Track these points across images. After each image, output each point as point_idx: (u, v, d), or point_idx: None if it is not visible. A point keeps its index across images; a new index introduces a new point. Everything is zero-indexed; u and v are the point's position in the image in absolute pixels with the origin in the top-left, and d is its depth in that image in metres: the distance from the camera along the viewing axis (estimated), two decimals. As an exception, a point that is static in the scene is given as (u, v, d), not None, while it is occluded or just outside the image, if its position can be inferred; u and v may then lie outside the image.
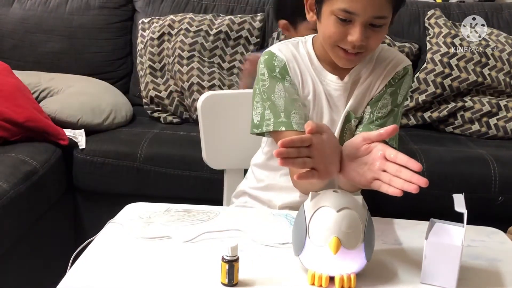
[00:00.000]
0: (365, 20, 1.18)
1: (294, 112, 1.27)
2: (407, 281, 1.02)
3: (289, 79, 1.30)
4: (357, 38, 1.18)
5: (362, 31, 1.18)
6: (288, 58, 1.30)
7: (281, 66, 1.30)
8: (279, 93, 1.29)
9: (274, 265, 1.06)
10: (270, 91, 1.29)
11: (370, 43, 1.21)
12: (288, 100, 1.28)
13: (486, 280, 1.05)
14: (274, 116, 1.28)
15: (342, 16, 1.18)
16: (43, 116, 2.10)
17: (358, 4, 1.17)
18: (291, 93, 1.29)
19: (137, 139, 2.17)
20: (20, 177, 1.80)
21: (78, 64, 2.65)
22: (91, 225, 1.83)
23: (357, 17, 1.18)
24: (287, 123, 1.26)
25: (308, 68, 1.31)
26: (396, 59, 1.33)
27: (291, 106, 1.27)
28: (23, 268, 1.85)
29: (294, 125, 1.26)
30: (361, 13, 1.17)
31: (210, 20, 2.49)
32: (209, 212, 1.26)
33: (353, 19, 1.18)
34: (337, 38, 1.21)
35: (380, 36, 1.24)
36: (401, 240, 1.17)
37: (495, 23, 2.62)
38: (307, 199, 1.02)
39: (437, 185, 1.99)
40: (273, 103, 1.28)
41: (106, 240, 1.13)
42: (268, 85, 1.29)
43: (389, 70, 1.32)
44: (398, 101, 1.33)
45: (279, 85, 1.29)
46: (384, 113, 1.31)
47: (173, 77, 2.43)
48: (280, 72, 1.29)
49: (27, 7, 2.68)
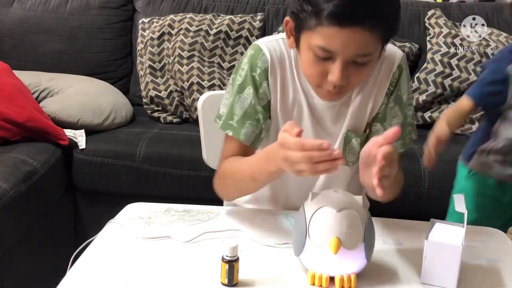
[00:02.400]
0: (346, 58, 1.05)
1: (249, 123, 1.21)
2: (407, 281, 1.02)
3: (264, 86, 1.21)
4: (337, 78, 1.06)
5: (343, 70, 1.05)
6: (274, 60, 1.20)
7: (263, 69, 1.20)
8: (246, 96, 1.21)
9: (274, 265, 1.06)
10: (240, 90, 1.22)
11: (352, 81, 1.09)
12: (250, 108, 1.21)
13: (486, 280, 1.05)
14: (226, 115, 1.23)
15: (320, 54, 1.06)
16: (43, 116, 2.10)
17: (337, 42, 1.03)
18: (257, 103, 1.21)
19: (137, 139, 2.17)
20: (20, 177, 1.80)
21: (78, 64, 2.65)
22: (91, 225, 1.83)
23: (337, 55, 1.04)
24: (236, 129, 1.21)
25: (293, 74, 1.21)
26: (387, 59, 1.21)
27: (249, 116, 1.21)
28: (23, 268, 1.85)
29: (241, 136, 1.21)
30: (340, 52, 1.04)
31: (210, 20, 2.49)
32: (209, 212, 1.26)
33: (333, 56, 1.05)
34: (317, 79, 1.10)
35: (366, 73, 1.11)
36: (401, 240, 1.17)
37: (495, 23, 2.62)
38: (307, 199, 1.02)
39: (438, 185, 1.98)
40: (232, 102, 1.22)
41: (106, 240, 1.13)
42: (240, 82, 1.22)
43: (384, 76, 1.22)
44: (405, 100, 1.25)
45: (250, 89, 1.21)
46: (399, 122, 1.23)
47: (173, 77, 2.43)
48: (260, 75, 1.20)
49: (27, 7, 2.67)
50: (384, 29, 1.05)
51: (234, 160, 1.23)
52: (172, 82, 2.44)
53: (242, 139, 1.22)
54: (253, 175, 1.15)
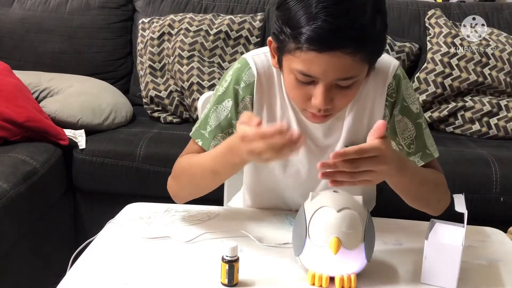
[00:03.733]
0: (328, 83, 1.01)
1: (221, 136, 1.18)
2: (407, 281, 1.02)
3: (247, 101, 1.17)
4: (320, 102, 1.02)
5: (325, 94, 1.01)
6: (261, 74, 1.16)
7: (248, 83, 1.17)
8: (223, 109, 1.18)
9: (274, 265, 1.06)
10: (219, 101, 1.19)
11: (337, 104, 1.05)
12: (225, 121, 1.18)
13: (486, 280, 1.05)
14: (199, 124, 1.21)
15: (301, 79, 1.03)
16: (43, 116, 2.10)
17: (317, 67, 0.99)
18: (235, 117, 1.17)
19: (137, 139, 2.17)
20: (20, 177, 1.80)
21: (78, 64, 2.65)
22: (91, 225, 1.83)
23: (319, 79, 1.01)
24: (206, 140, 1.19)
25: (282, 89, 1.17)
26: (380, 71, 1.15)
27: (222, 129, 1.18)
28: (23, 268, 1.85)
29: (211, 148, 1.18)
30: (321, 77, 1.01)
31: (210, 20, 2.49)
32: (209, 212, 1.26)
33: (314, 80, 1.02)
34: (300, 102, 1.07)
35: (351, 96, 1.07)
36: (401, 240, 1.17)
37: (496, 23, 2.62)
38: (308, 199, 1.02)
39: (437, 185, 1.98)
40: (208, 112, 1.20)
41: (106, 240, 1.13)
42: (221, 93, 1.19)
43: (379, 88, 1.17)
44: (414, 110, 1.19)
45: (229, 101, 1.18)
46: (411, 135, 1.19)
47: (173, 77, 2.43)
48: (244, 89, 1.17)
49: (27, 7, 2.67)
50: (368, 52, 1.01)
51: (190, 156, 1.21)
52: (172, 82, 2.44)
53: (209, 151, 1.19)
54: (214, 169, 1.12)
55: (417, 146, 1.21)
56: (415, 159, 1.21)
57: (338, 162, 0.94)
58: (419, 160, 1.22)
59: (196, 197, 1.24)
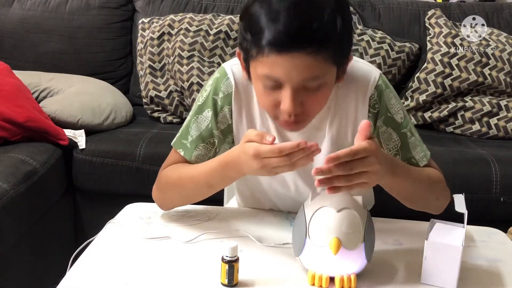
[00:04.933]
0: (294, 85, 1.00)
1: (203, 146, 1.19)
2: (407, 281, 1.02)
3: (225, 111, 1.17)
4: (289, 106, 1.01)
5: (293, 97, 1.00)
6: (238, 85, 1.16)
7: (226, 94, 1.17)
8: (203, 119, 1.18)
9: (274, 265, 1.06)
10: (199, 111, 1.19)
11: (308, 108, 1.04)
12: (206, 131, 1.18)
13: (486, 280, 1.05)
14: (180, 134, 1.22)
15: (267, 84, 1.02)
16: (43, 116, 2.09)
17: (280, 69, 0.99)
18: (215, 127, 1.18)
19: (137, 139, 2.17)
20: (20, 177, 1.80)
21: (78, 64, 2.64)
22: (91, 225, 1.83)
23: (284, 83, 1.00)
24: (188, 150, 1.19)
25: None
26: (361, 82, 1.15)
27: (203, 138, 1.19)
28: (23, 268, 1.85)
29: (193, 157, 1.19)
30: (286, 79, 1.00)
31: (210, 20, 2.48)
32: (209, 212, 1.26)
33: (281, 84, 1.01)
34: (271, 110, 1.06)
35: (321, 98, 1.06)
36: (401, 240, 1.17)
37: (496, 23, 2.62)
38: (308, 199, 1.02)
39: (437, 185, 1.98)
40: (189, 122, 1.20)
41: (106, 240, 1.13)
42: (200, 103, 1.19)
43: (361, 100, 1.16)
44: (399, 120, 1.18)
45: (209, 112, 1.18)
46: (396, 145, 1.18)
47: (173, 77, 2.43)
48: (222, 99, 1.17)
49: (27, 7, 2.67)
50: (331, 52, 0.99)
51: (178, 167, 1.20)
52: (172, 82, 2.43)
53: (192, 161, 1.20)
54: (208, 182, 1.13)
55: (403, 157, 1.19)
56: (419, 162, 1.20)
57: (332, 167, 0.94)
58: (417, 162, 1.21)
59: (184, 205, 1.25)
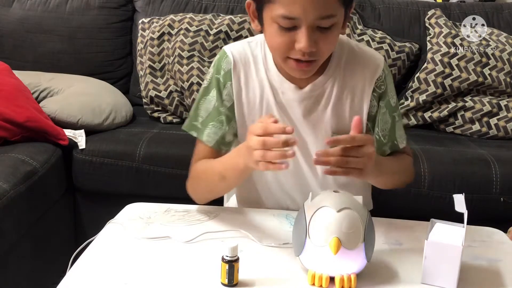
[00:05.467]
0: (310, 23, 1.06)
1: (212, 124, 1.24)
2: (407, 281, 1.02)
3: (228, 87, 1.23)
4: (305, 44, 1.07)
5: (309, 35, 1.06)
6: (237, 61, 1.23)
7: (227, 70, 1.23)
8: (210, 99, 1.24)
9: (274, 265, 1.06)
10: (205, 92, 1.26)
11: (321, 47, 1.10)
12: (214, 110, 1.24)
13: (486, 280, 1.05)
14: (190, 116, 1.28)
15: (284, 24, 1.07)
16: (43, 116, 2.09)
17: (298, 7, 1.04)
18: (221, 104, 1.24)
19: (137, 139, 2.17)
20: (20, 177, 1.80)
21: (78, 64, 2.64)
22: (91, 225, 1.83)
23: (300, 21, 1.06)
24: (199, 130, 1.26)
25: (261, 74, 1.23)
26: (370, 63, 1.22)
27: (212, 117, 1.24)
28: (23, 268, 1.85)
29: (204, 137, 1.25)
30: (303, 17, 1.05)
31: (210, 20, 2.48)
32: (209, 212, 1.26)
33: (296, 24, 1.07)
34: (284, 49, 1.10)
35: (332, 38, 1.12)
36: (401, 240, 1.17)
37: (496, 23, 2.62)
38: (307, 199, 1.02)
39: (438, 185, 1.98)
40: (197, 104, 1.26)
41: (106, 240, 1.13)
42: (206, 85, 1.26)
43: (369, 79, 1.22)
44: (393, 103, 1.26)
45: (214, 91, 1.24)
46: (387, 128, 1.25)
47: (173, 77, 2.43)
48: (224, 77, 1.23)
49: (27, 7, 2.67)
50: None
51: (205, 161, 1.26)
52: (172, 82, 2.43)
53: (204, 140, 1.25)
54: (222, 174, 1.18)
55: (389, 138, 1.27)
56: (385, 147, 1.28)
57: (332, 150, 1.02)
58: (387, 150, 1.29)
59: (214, 198, 1.29)
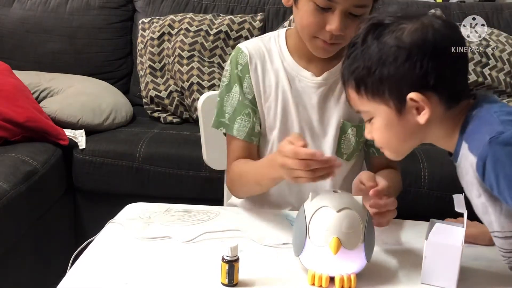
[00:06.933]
0: (345, 8, 1.13)
1: (240, 118, 1.28)
2: (407, 282, 1.02)
3: (248, 80, 1.28)
4: (336, 27, 1.13)
5: (341, 20, 1.13)
6: (252, 54, 1.28)
7: (244, 64, 1.28)
8: (234, 94, 1.29)
9: (274, 265, 1.06)
10: (227, 89, 1.30)
11: (348, 33, 1.15)
12: (239, 104, 1.28)
13: (486, 280, 1.05)
14: (217, 114, 1.31)
15: (322, 4, 1.13)
16: (43, 116, 2.10)
17: None
18: (244, 98, 1.28)
19: (137, 139, 2.17)
20: (20, 177, 1.80)
21: (78, 64, 2.64)
22: (91, 225, 1.83)
23: (337, 4, 1.12)
24: (228, 126, 1.29)
25: (277, 64, 1.28)
26: None
27: (239, 111, 1.28)
28: (23, 268, 1.85)
29: (234, 131, 1.28)
30: (341, 1, 1.12)
31: (210, 20, 2.49)
32: (209, 212, 1.26)
33: (332, 7, 1.13)
34: (315, 29, 1.17)
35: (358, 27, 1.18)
36: (401, 240, 1.17)
37: (496, 23, 2.62)
38: (308, 199, 1.02)
39: (438, 186, 1.98)
40: (222, 101, 1.30)
41: (106, 240, 1.13)
42: (227, 82, 1.30)
43: None
44: None
45: (236, 86, 1.28)
46: None
47: (173, 77, 2.43)
48: (242, 71, 1.28)
49: (27, 7, 2.67)
50: None
51: (241, 163, 1.29)
52: (172, 82, 2.44)
53: (235, 134, 1.28)
54: (257, 180, 1.23)
55: None
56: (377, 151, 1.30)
57: None
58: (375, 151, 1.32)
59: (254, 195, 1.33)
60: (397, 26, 0.95)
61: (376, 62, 0.94)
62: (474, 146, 0.92)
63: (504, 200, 0.89)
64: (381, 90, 0.95)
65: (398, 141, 1.00)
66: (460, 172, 0.98)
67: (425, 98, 0.93)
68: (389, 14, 0.98)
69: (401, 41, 0.93)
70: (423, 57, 0.92)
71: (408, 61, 0.92)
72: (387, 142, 1.01)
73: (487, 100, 0.97)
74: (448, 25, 0.96)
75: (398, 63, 0.93)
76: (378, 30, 0.96)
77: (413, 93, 0.93)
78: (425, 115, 0.94)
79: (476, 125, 0.94)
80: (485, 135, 0.89)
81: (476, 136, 0.92)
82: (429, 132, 0.98)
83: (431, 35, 0.93)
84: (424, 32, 0.93)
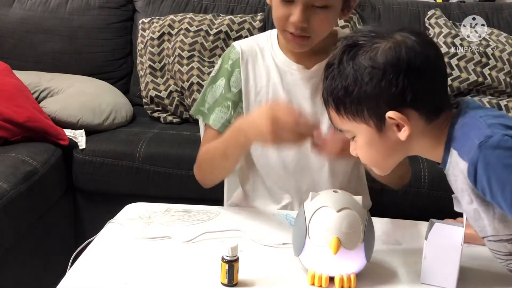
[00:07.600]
0: (305, 1, 1.17)
1: (219, 109, 1.33)
2: (407, 281, 1.03)
3: (236, 74, 1.32)
4: (298, 18, 1.18)
5: (302, 11, 1.18)
6: (244, 51, 1.32)
7: (235, 59, 1.32)
8: (218, 87, 1.33)
9: (274, 265, 1.06)
10: (213, 81, 1.34)
11: (314, 25, 1.20)
12: (221, 97, 1.33)
13: (486, 280, 1.05)
14: (197, 102, 1.36)
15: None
16: (43, 116, 2.10)
17: None
18: (229, 91, 1.33)
19: (137, 139, 2.17)
20: (20, 177, 1.80)
21: (78, 64, 2.64)
22: (91, 225, 1.82)
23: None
24: (206, 114, 1.34)
25: (268, 61, 1.32)
26: None
27: (219, 103, 1.33)
28: (23, 268, 1.85)
29: (210, 120, 1.33)
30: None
31: (210, 20, 2.49)
32: (209, 212, 1.26)
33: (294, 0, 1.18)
34: (282, 21, 1.21)
35: (326, 18, 1.22)
36: (401, 240, 1.17)
37: (496, 23, 2.62)
38: (307, 199, 1.02)
39: (438, 186, 1.98)
40: (205, 91, 1.35)
41: (106, 240, 1.13)
42: (214, 75, 1.35)
43: None
44: None
45: (222, 80, 1.33)
46: None
47: (173, 77, 2.43)
48: (232, 65, 1.32)
49: (27, 7, 2.67)
50: None
51: (209, 144, 1.31)
52: (172, 82, 2.44)
53: (211, 123, 1.33)
54: (224, 152, 1.23)
55: None
56: None
57: None
58: None
59: (218, 181, 1.35)
60: (371, 46, 0.95)
61: (353, 83, 0.95)
62: (464, 152, 0.92)
63: (497, 203, 0.89)
64: (360, 109, 0.96)
65: (382, 157, 1.01)
66: (450, 180, 0.98)
67: (403, 116, 0.94)
68: (362, 34, 0.97)
69: (375, 61, 0.93)
70: (398, 76, 0.92)
71: (384, 80, 0.93)
72: (372, 159, 1.03)
73: (470, 106, 0.97)
74: (423, 41, 0.96)
75: (374, 83, 0.93)
76: (353, 51, 0.96)
77: (391, 111, 0.94)
78: (405, 131, 0.95)
79: (464, 132, 0.94)
80: (474, 139, 0.89)
81: (465, 142, 0.92)
82: (413, 146, 0.99)
83: (404, 53, 0.93)
84: (397, 50, 0.93)
